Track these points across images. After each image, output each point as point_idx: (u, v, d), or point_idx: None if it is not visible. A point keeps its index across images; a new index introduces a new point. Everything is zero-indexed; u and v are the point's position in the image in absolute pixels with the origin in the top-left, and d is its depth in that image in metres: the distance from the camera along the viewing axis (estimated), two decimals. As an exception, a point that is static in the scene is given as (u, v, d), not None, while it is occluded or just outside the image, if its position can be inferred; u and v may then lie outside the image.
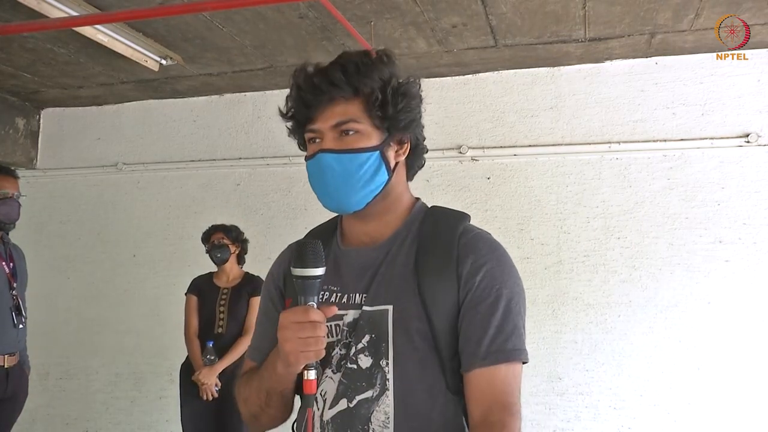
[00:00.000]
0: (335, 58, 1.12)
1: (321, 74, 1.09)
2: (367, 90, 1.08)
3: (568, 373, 3.66)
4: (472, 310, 1.06)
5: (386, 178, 1.12)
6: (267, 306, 1.23)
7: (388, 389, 1.06)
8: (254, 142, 4.40)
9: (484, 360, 1.04)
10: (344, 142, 1.09)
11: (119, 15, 2.88)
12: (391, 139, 1.13)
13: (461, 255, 1.09)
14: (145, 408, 4.46)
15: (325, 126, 1.09)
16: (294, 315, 1.00)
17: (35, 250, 4.64)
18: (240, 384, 1.20)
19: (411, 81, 1.15)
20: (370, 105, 1.09)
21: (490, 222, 3.79)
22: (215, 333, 3.55)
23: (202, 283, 3.69)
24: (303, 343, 0.98)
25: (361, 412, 1.07)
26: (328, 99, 1.08)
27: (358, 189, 1.10)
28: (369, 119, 1.10)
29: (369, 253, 1.15)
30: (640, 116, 3.68)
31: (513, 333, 1.06)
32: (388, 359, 1.07)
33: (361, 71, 1.08)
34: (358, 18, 3.12)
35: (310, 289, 1.01)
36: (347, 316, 1.11)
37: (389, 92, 1.09)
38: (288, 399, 1.15)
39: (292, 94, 1.12)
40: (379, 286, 1.11)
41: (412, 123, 1.15)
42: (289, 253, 1.25)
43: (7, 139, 4.61)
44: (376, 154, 1.10)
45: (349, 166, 1.09)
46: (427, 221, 1.16)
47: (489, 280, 1.07)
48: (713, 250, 3.52)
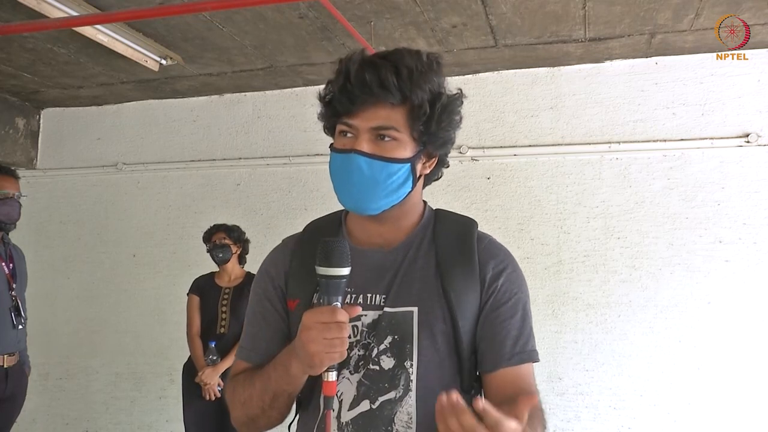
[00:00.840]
0: (388, 55, 1.07)
1: (373, 72, 1.03)
2: (417, 101, 1.04)
3: (568, 373, 3.66)
4: (493, 312, 1.10)
5: (410, 189, 1.11)
6: (264, 306, 1.19)
7: (411, 390, 1.07)
8: (254, 142, 4.40)
9: (509, 360, 1.09)
10: (380, 147, 1.06)
11: (119, 15, 2.88)
12: (423, 152, 1.11)
13: (482, 259, 1.13)
14: (145, 408, 4.46)
15: (364, 125, 1.05)
16: (320, 315, 0.97)
17: (35, 250, 4.64)
18: (235, 386, 1.15)
19: (458, 98, 1.11)
20: (415, 116, 1.05)
21: (490, 222, 3.79)
22: (217, 333, 3.55)
23: (204, 283, 3.69)
24: (329, 344, 0.95)
25: (384, 414, 1.07)
26: (374, 100, 1.04)
27: (383, 197, 1.08)
28: (409, 129, 1.06)
29: (386, 256, 1.14)
30: (640, 116, 3.68)
31: (530, 335, 1.12)
32: (412, 360, 1.08)
33: (413, 78, 1.04)
34: (358, 18, 3.12)
35: (335, 288, 0.98)
36: (366, 317, 1.10)
37: (438, 108, 1.06)
38: (292, 401, 1.13)
39: (338, 81, 1.06)
40: (400, 288, 1.11)
41: (449, 142, 1.13)
42: (285, 251, 1.22)
43: (7, 139, 4.61)
44: (407, 167, 1.08)
45: (379, 174, 1.06)
46: (440, 226, 1.17)
47: (509, 285, 1.12)
48: (713, 250, 3.52)
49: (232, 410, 1.16)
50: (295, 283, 1.16)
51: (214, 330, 3.56)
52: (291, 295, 1.16)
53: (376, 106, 1.04)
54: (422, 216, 1.19)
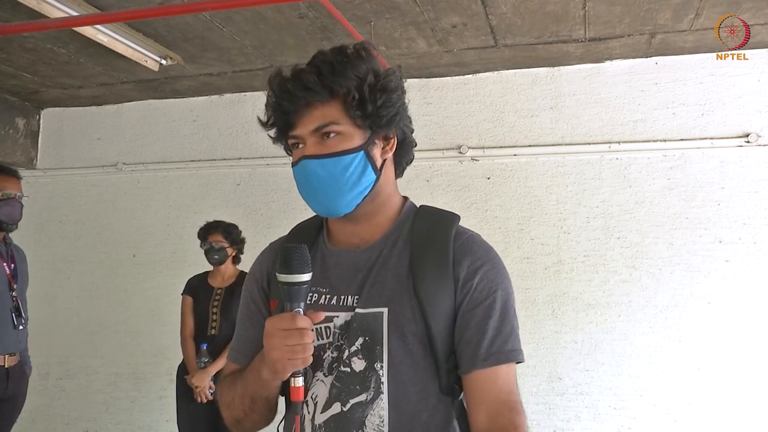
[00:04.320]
0: (310, 59, 1.10)
1: (295, 79, 1.07)
2: (343, 90, 1.05)
3: (568, 373, 3.66)
4: (469, 312, 1.07)
5: (374, 177, 1.10)
6: (249, 307, 1.20)
7: (382, 392, 1.05)
8: (254, 142, 4.40)
9: (484, 361, 1.05)
10: (326, 146, 1.07)
11: (119, 15, 2.88)
12: (375, 137, 1.10)
13: (457, 257, 1.09)
14: (145, 408, 4.46)
15: (305, 131, 1.07)
16: (280, 322, 0.98)
17: (35, 250, 4.64)
18: (223, 387, 1.17)
19: (390, 74, 1.10)
20: (348, 105, 1.06)
21: (490, 222, 3.79)
22: (208, 334, 3.52)
23: (197, 284, 3.66)
24: (290, 351, 0.96)
25: (356, 416, 1.05)
26: (305, 104, 1.06)
27: (346, 192, 1.07)
28: (349, 119, 1.07)
29: (360, 255, 1.13)
30: (640, 116, 3.68)
31: (511, 334, 1.07)
32: (382, 362, 1.06)
33: (336, 71, 1.06)
34: (358, 18, 3.12)
35: (296, 295, 0.99)
36: (338, 318, 1.09)
37: (366, 89, 1.06)
38: (273, 404, 1.13)
39: (270, 101, 1.10)
40: (372, 289, 1.09)
41: (395, 117, 1.11)
42: (270, 253, 1.23)
43: (7, 139, 4.61)
44: (360, 155, 1.08)
45: (333, 170, 1.06)
46: (419, 222, 1.15)
47: (486, 283, 1.08)
48: (713, 250, 3.52)
49: (222, 411, 1.17)
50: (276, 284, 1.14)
51: (205, 331, 3.53)
52: (273, 297, 1.17)
53: (309, 108, 1.06)
54: (400, 212, 1.17)
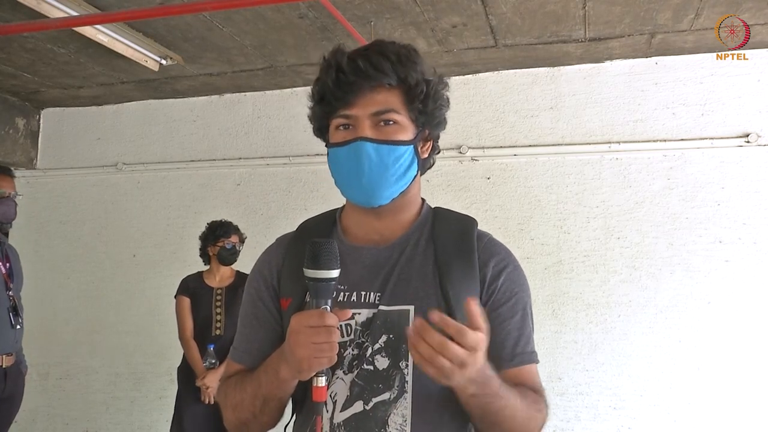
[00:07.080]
0: (369, 45, 1.07)
1: (365, 58, 1.03)
2: (412, 81, 1.05)
3: (568, 373, 3.66)
4: (493, 312, 1.08)
5: (416, 173, 1.11)
6: (256, 307, 1.16)
7: (406, 391, 1.04)
8: (254, 142, 4.40)
9: (510, 362, 1.07)
10: (383, 132, 1.05)
11: (119, 15, 2.88)
12: (421, 135, 1.10)
13: (483, 258, 1.10)
14: (145, 408, 4.46)
15: (364, 113, 1.04)
16: (308, 319, 0.93)
17: (35, 250, 4.65)
18: (227, 388, 1.12)
19: (442, 76, 1.12)
20: (412, 97, 1.05)
21: (490, 222, 3.79)
22: (214, 335, 3.51)
23: (193, 284, 3.62)
24: (317, 349, 0.92)
25: (378, 415, 1.04)
26: (371, 86, 1.03)
27: (392, 183, 1.06)
28: (407, 111, 1.06)
29: (381, 252, 1.11)
30: (640, 116, 3.68)
31: (531, 336, 1.11)
32: (407, 360, 1.04)
33: (403, 61, 1.05)
34: (358, 18, 3.12)
35: (324, 291, 0.95)
36: (360, 315, 1.07)
37: (432, 87, 1.07)
38: (284, 405, 1.10)
39: (330, 75, 1.05)
40: (396, 286, 1.08)
41: (443, 122, 1.13)
42: (279, 249, 1.20)
43: (7, 139, 4.61)
44: (411, 149, 1.07)
45: (387, 158, 1.04)
46: (439, 223, 1.15)
47: (509, 284, 1.10)
48: (713, 250, 3.51)
49: (224, 413, 1.13)
50: (287, 282, 1.13)
51: (209, 332, 3.51)
52: (284, 294, 1.13)
53: (372, 91, 1.04)
54: (420, 212, 1.17)
